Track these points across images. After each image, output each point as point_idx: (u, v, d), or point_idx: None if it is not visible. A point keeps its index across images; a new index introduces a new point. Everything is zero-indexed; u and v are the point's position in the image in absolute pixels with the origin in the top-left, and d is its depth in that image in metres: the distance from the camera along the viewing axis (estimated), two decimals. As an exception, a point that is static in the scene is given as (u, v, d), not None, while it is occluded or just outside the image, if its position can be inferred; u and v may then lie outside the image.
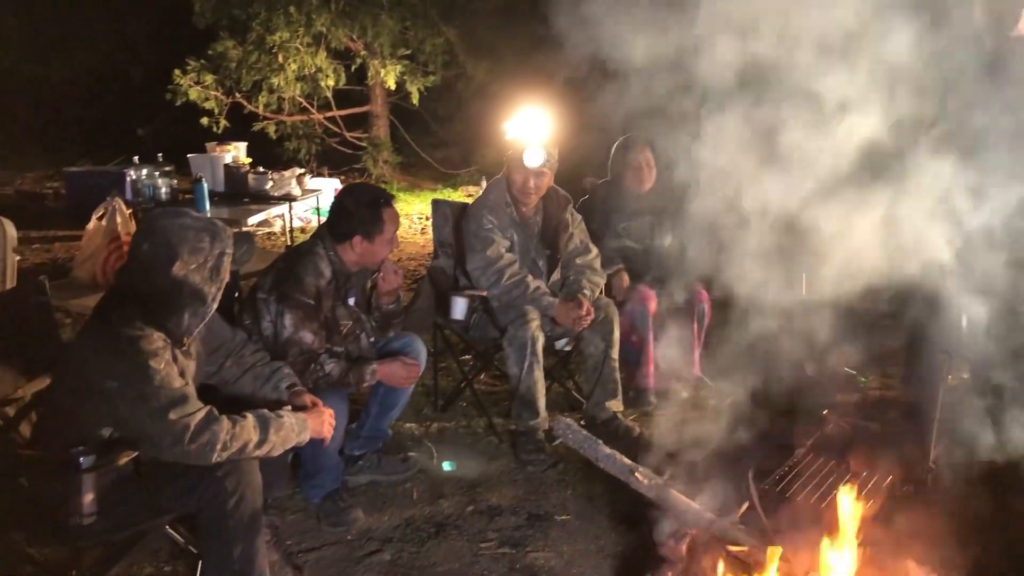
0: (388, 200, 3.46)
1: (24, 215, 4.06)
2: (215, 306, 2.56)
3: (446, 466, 3.85)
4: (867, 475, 3.06)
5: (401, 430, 4.20)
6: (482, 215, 4.13)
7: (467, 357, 4.81)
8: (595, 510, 3.51)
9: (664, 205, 4.58)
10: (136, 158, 7.75)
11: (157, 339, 2.45)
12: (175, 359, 2.51)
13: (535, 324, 3.95)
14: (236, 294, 3.67)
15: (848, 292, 3.17)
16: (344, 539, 3.29)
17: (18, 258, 4.11)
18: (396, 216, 3.46)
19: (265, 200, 7.32)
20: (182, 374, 2.52)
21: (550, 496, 3.64)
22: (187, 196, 7.56)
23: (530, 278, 4.06)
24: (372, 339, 3.58)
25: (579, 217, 4.35)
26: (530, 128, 4.67)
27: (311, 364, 3.21)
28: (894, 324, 3.82)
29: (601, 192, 4.73)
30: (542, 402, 3.98)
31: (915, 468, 3.10)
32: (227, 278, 2.59)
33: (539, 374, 3.97)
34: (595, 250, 4.32)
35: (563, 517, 3.46)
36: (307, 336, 3.22)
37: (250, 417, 2.54)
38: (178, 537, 2.92)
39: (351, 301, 3.49)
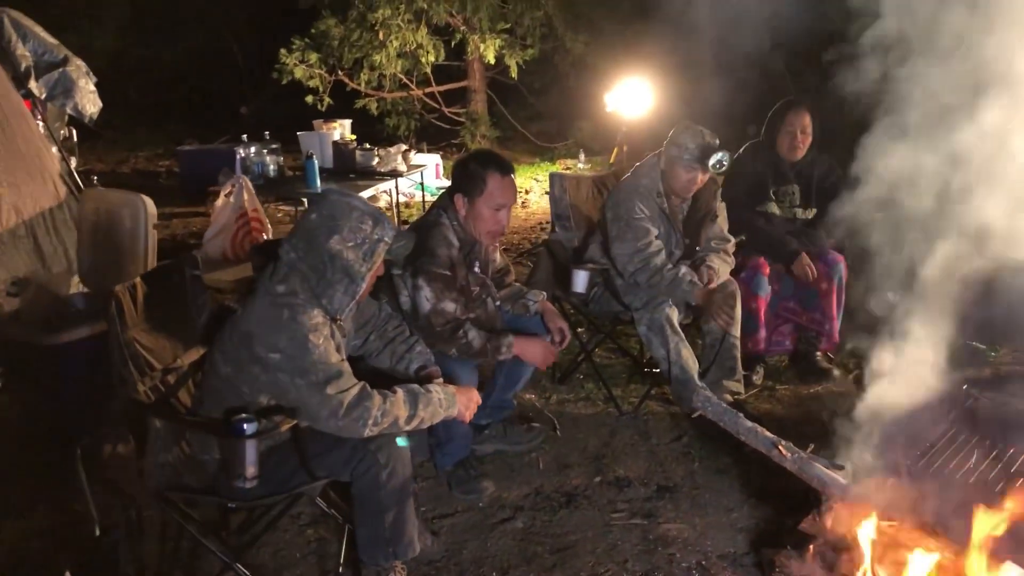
0: (501, 165, 3.35)
1: (141, 192, 4.18)
2: (364, 287, 2.61)
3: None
4: (1014, 452, 2.96)
5: (522, 401, 4.25)
6: (634, 202, 3.99)
7: (581, 330, 4.82)
8: (725, 483, 3.50)
9: (815, 175, 4.42)
10: (244, 136, 7.95)
11: (317, 314, 2.53)
12: (332, 334, 2.59)
13: (667, 302, 3.92)
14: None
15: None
16: (476, 506, 3.36)
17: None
18: (504, 184, 3.32)
19: (372, 176, 7.41)
20: (338, 349, 2.60)
21: (677, 468, 3.64)
22: (296, 173, 7.73)
23: (677, 266, 3.95)
24: (498, 303, 3.59)
25: (723, 204, 4.22)
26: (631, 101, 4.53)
27: (457, 331, 3.25)
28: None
29: (751, 154, 4.51)
30: (697, 377, 3.92)
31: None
32: (380, 264, 2.64)
33: (687, 351, 3.92)
34: (731, 239, 4.19)
35: (693, 489, 3.46)
36: (449, 305, 3.25)
37: (400, 392, 2.61)
38: (322, 502, 3.03)
39: (476, 268, 3.49)
